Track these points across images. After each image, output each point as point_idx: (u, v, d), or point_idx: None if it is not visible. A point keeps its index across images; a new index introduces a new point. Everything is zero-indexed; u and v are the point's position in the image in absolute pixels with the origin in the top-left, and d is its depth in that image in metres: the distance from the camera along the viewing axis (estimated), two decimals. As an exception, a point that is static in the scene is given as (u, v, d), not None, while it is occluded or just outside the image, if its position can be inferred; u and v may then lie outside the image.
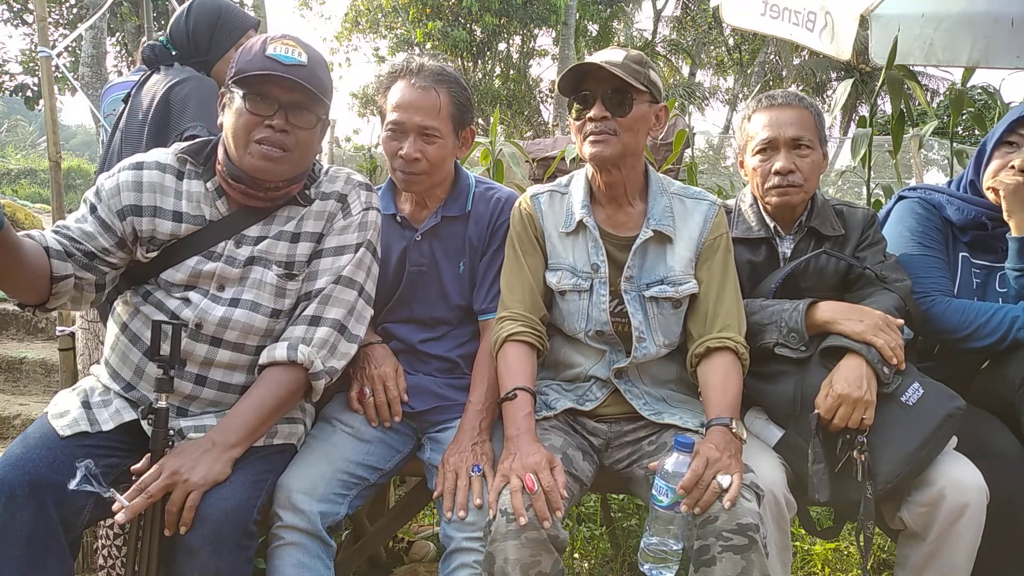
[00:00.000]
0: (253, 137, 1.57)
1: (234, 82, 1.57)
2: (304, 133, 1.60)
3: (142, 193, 1.63)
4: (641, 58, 1.73)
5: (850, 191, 11.38)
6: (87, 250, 1.57)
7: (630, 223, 1.82)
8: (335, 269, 1.69)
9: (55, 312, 1.86)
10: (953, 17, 3.45)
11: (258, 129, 1.57)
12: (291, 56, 1.56)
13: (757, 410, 1.85)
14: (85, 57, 8.69)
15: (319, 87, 1.58)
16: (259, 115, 1.56)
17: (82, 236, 1.58)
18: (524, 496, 1.48)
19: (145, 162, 1.67)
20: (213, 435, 1.52)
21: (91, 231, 1.59)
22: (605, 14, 19.15)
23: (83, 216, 1.62)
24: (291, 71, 1.54)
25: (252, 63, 1.55)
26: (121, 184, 1.63)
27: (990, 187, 1.93)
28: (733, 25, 4.06)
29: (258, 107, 1.56)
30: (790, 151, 1.88)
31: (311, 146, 1.65)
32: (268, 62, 1.54)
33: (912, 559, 1.66)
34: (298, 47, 1.58)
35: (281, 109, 1.56)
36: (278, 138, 1.57)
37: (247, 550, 1.45)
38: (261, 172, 1.59)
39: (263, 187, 1.63)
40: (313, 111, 1.60)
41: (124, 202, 1.62)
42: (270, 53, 1.55)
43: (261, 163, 1.58)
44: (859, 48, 3.97)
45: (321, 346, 1.64)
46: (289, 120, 1.57)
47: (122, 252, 1.64)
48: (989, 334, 1.83)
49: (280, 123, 1.56)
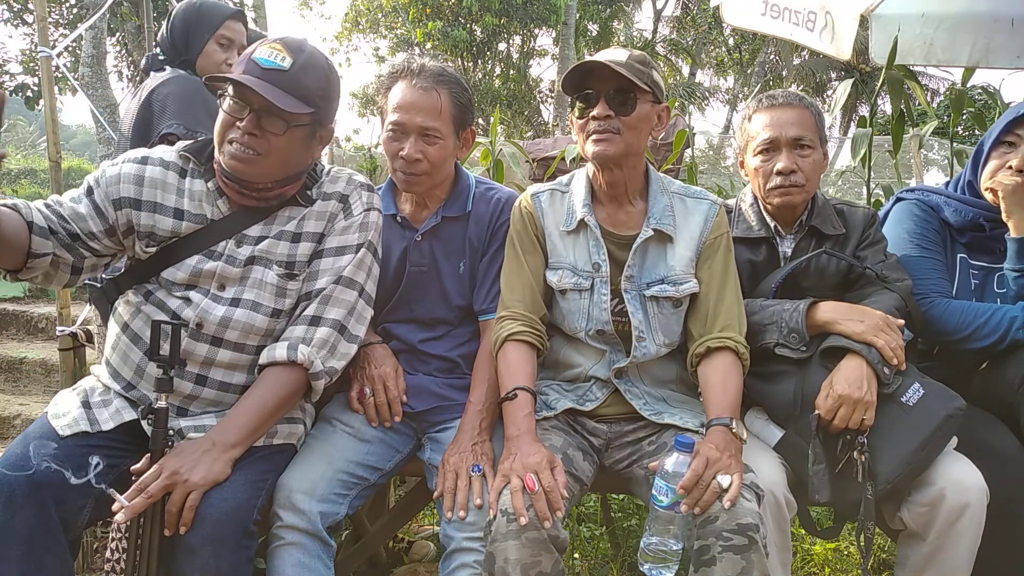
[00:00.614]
0: (227, 137, 1.58)
1: (222, 81, 1.59)
2: (277, 139, 1.57)
3: (143, 188, 1.64)
4: (644, 58, 1.74)
5: (850, 191, 11.37)
6: (72, 231, 1.57)
7: (631, 222, 1.82)
8: (336, 269, 1.69)
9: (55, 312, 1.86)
10: (953, 17, 3.45)
11: (231, 130, 1.58)
12: (272, 61, 1.54)
13: (757, 410, 1.85)
14: (85, 57, 8.68)
15: (296, 93, 1.55)
16: (232, 116, 1.57)
17: (72, 215, 1.58)
18: (524, 496, 1.48)
19: (150, 157, 1.68)
20: (213, 435, 1.52)
21: (83, 212, 1.59)
22: (605, 14, 19.14)
23: (79, 196, 1.62)
24: (266, 75, 1.53)
25: (239, 65, 1.57)
26: (123, 175, 1.64)
27: (988, 187, 1.93)
28: (733, 25, 4.06)
29: (232, 108, 1.57)
30: (791, 151, 1.88)
31: (289, 152, 1.60)
32: (250, 65, 1.55)
33: (912, 559, 1.66)
34: (284, 52, 1.55)
35: (252, 112, 1.55)
36: (247, 140, 1.56)
37: (247, 550, 1.45)
38: (233, 171, 1.60)
39: (253, 187, 1.63)
40: (282, 117, 1.55)
41: (122, 193, 1.62)
42: (255, 56, 1.56)
43: (232, 163, 1.58)
44: (859, 48, 3.97)
45: (321, 346, 1.64)
46: (260, 124, 1.56)
47: (109, 240, 1.63)
48: (988, 335, 1.83)
49: (248, 125, 1.55)
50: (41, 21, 3.15)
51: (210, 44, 2.47)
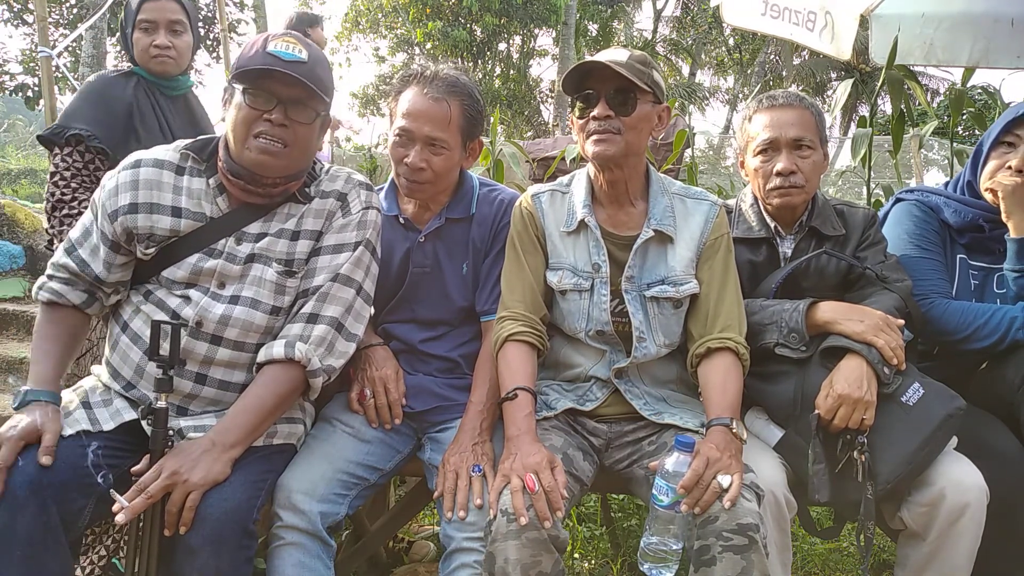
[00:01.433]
0: (252, 131, 1.58)
1: (235, 78, 1.58)
2: (303, 129, 1.61)
3: (138, 191, 1.65)
4: (645, 58, 1.74)
5: (850, 191, 11.37)
6: (91, 283, 1.67)
7: (631, 223, 1.82)
8: (333, 267, 1.69)
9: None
10: (953, 17, 3.45)
11: (257, 123, 1.58)
12: (291, 53, 1.56)
13: (757, 410, 1.85)
14: (85, 57, 8.69)
15: (318, 84, 1.59)
16: (258, 110, 1.57)
17: (93, 252, 1.67)
18: (525, 496, 1.48)
19: (143, 159, 1.69)
20: (212, 435, 1.52)
21: (94, 241, 1.67)
22: (605, 14, 19.15)
23: (90, 225, 1.69)
24: (291, 67, 1.55)
25: (253, 59, 1.56)
26: (120, 185, 1.66)
27: (988, 188, 1.93)
28: (733, 25, 4.06)
29: (257, 102, 1.57)
30: (791, 151, 1.88)
31: (310, 143, 1.66)
32: (269, 58, 1.55)
33: (912, 559, 1.66)
34: (299, 44, 1.59)
35: (280, 104, 1.57)
36: (277, 132, 1.58)
37: (247, 550, 1.45)
38: (260, 166, 1.60)
39: (262, 183, 1.63)
40: (312, 107, 1.61)
41: (120, 203, 1.65)
42: (271, 50, 1.56)
43: (260, 157, 1.58)
44: (859, 48, 3.98)
45: (319, 344, 1.64)
46: (288, 115, 1.58)
47: (120, 255, 1.67)
48: (988, 335, 1.83)
49: (279, 117, 1.57)
50: (41, 21, 3.16)
51: (135, 34, 2.38)
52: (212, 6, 11.84)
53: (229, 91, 1.62)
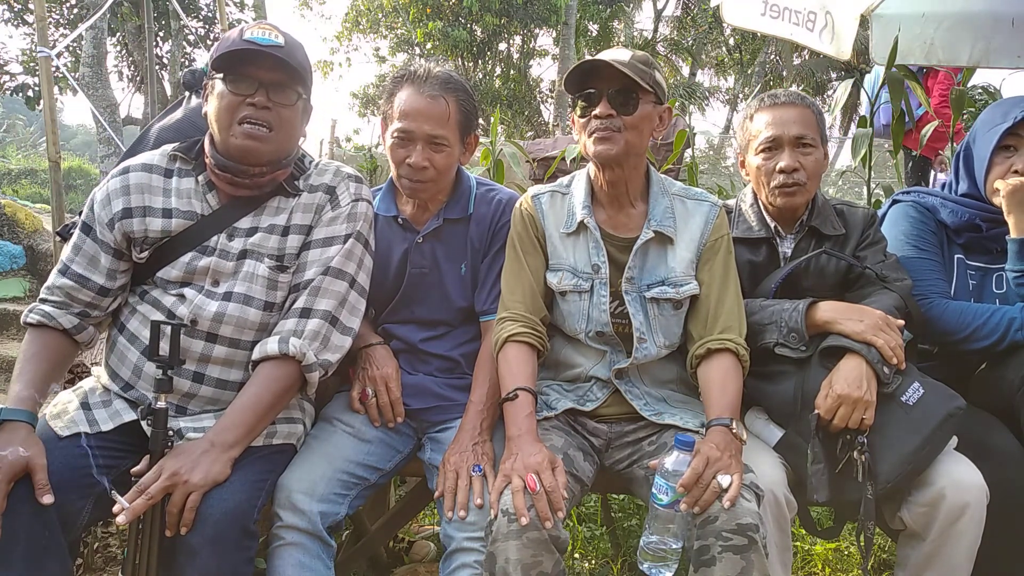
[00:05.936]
0: (236, 117, 1.59)
1: (214, 67, 1.60)
2: (286, 111, 1.63)
3: (130, 196, 1.66)
4: (647, 59, 1.74)
5: (850, 191, 11.36)
6: (89, 301, 1.65)
7: (631, 224, 1.82)
8: (323, 260, 1.69)
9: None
10: (953, 17, 3.44)
11: (240, 108, 1.59)
12: (268, 38, 1.58)
13: (757, 410, 1.85)
14: (85, 57, 8.68)
15: (299, 65, 1.61)
16: (240, 95, 1.58)
17: (89, 266, 1.65)
18: (526, 496, 1.48)
19: (131, 165, 1.70)
20: (211, 435, 1.52)
21: (91, 253, 1.65)
22: (605, 14, 19.12)
23: (80, 242, 1.67)
24: (270, 50, 1.57)
25: (231, 47, 1.58)
26: (111, 193, 1.68)
27: (995, 189, 1.92)
28: (733, 25, 4.06)
29: (239, 87, 1.58)
30: (794, 149, 1.88)
31: (294, 126, 1.67)
32: (247, 44, 1.57)
33: (912, 559, 1.66)
34: (274, 30, 1.62)
35: (262, 87, 1.59)
36: (261, 115, 1.59)
37: (247, 550, 1.45)
38: (247, 152, 1.60)
39: (248, 173, 1.64)
40: (293, 88, 1.63)
41: (114, 209, 1.66)
42: (248, 36, 1.58)
43: (246, 142, 1.59)
44: (859, 48, 3.98)
45: (313, 338, 1.64)
46: (271, 98, 1.60)
47: (123, 262, 1.68)
48: (987, 336, 1.83)
49: (262, 100, 1.59)
50: (41, 21, 3.16)
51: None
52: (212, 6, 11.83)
53: (210, 84, 1.63)
